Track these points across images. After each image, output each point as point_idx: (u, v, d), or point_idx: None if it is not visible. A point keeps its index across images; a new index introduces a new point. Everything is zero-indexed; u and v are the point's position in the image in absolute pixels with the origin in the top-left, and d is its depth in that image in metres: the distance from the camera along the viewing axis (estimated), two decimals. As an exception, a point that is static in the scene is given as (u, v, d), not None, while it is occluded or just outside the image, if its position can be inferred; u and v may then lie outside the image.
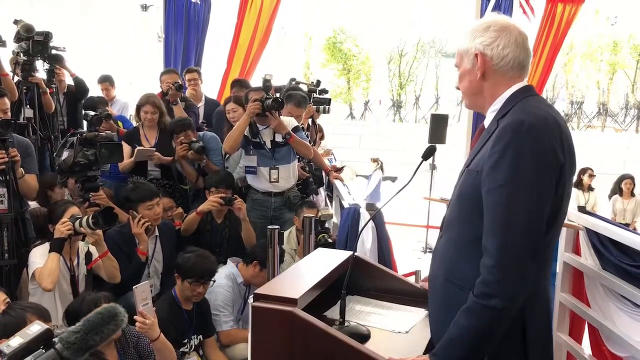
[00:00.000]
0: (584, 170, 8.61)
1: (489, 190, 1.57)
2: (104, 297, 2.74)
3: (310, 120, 5.36)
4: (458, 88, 1.82)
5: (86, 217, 3.12)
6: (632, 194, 8.38)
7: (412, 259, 7.83)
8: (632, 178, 8.47)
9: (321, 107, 5.53)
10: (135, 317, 2.67)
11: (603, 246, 3.03)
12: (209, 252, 3.89)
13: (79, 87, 5.82)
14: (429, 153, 1.89)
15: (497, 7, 8.36)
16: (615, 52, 23.47)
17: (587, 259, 3.13)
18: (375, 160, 11.33)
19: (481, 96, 1.75)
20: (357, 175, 15.11)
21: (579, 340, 3.35)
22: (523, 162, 1.54)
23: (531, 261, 1.56)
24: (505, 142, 1.56)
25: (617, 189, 8.41)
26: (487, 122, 1.75)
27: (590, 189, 8.65)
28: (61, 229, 3.08)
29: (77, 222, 3.12)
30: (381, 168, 11.48)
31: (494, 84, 1.72)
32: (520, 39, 1.70)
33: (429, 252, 8.50)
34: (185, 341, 3.25)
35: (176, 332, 3.14)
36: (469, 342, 1.57)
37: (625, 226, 5.12)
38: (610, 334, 2.93)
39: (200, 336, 3.32)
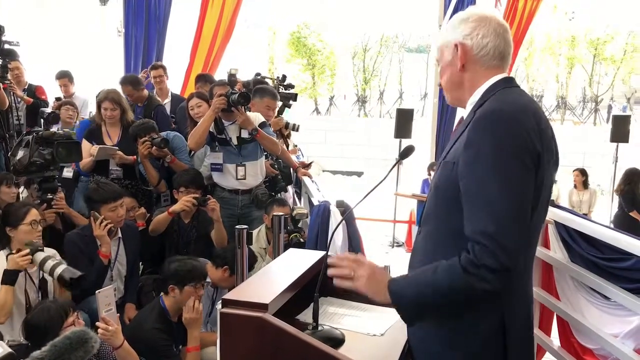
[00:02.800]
0: None
1: (467, 181, 1.52)
2: (71, 307, 2.61)
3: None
4: (440, 85, 1.79)
5: (52, 263, 2.84)
6: (586, 186, 8.58)
7: (380, 253, 7.83)
8: (581, 170, 8.69)
9: (290, 124, 5.51)
10: (97, 323, 2.55)
11: (572, 239, 3.06)
12: (176, 253, 3.80)
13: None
14: (406, 152, 1.84)
15: (460, 2, 8.41)
16: (573, 46, 24.02)
17: (556, 252, 3.15)
18: None
19: (461, 89, 1.71)
20: (323, 171, 15.12)
21: (547, 332, 3.37)
22: (499, 150, 1.49)
23: (518, 251, 1.48)
24: (479, 130, 1.53)
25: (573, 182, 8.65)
26: (465, 114, 1.71)
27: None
28: (18, 261, 2.82)
29: (38, 257, 2.87)
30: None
31: (474, 74, 1.68)
32: (500, 29, 1.67)
33: (397, 246, 8.52)
34: None
35: (172, 347, 3.03)
36: (431, 292, 1.54)
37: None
38: (579, 326, 2.95)
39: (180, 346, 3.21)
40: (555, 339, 3.29)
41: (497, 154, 1.49)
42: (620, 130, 9.62)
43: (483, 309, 1.59)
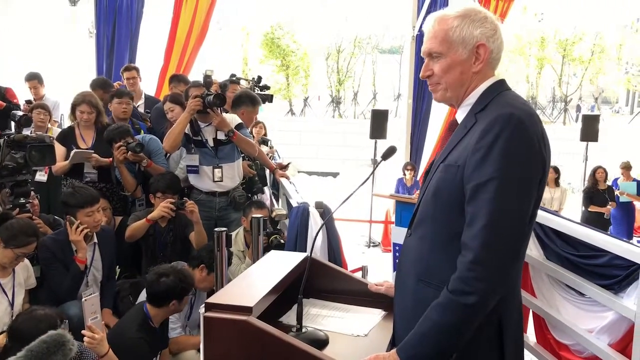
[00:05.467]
0: None
1: (477, 185, 1.51)
2: (58, 316, 2.55)
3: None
4: (427, 77, 1.70)
5: None
6: (557, 183, 8.79)
7: (357, 253, 7.86)
8: (554, 167, 8.90)
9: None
10: (83, 331, 2.50)
11: (547, 237, 3.10)
12: (152, 257, 3.75)
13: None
14: (388, 153, 1.84)
15: (433, 4, 8.50)
16: (543, 47, 24.47)
17: (532, 250, 3.19)
18: None
19: (464, 89, 1.68)
20: (299, 172, 15.11)
21: (524, 329, 3.41)
22: (513, 156, 1.50)
23: (513, 260, 1.54)
24: (493, 135, 1.51)
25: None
26: (459, 117, 1.70)
27: None
28: None
29: None
30: None
31: (481, 77, 1.67)
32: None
33: (373, 246, 8.57)
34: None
35: (152, 354, 3.01)
36: (441, 339, 1.53)
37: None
38: (555, 322, 3.00)
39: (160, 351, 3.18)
40: (531, 335, 3.34)
41: (508, 162, 1.49)
42: (589, 130, 9.83)
43: None
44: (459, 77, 1.66)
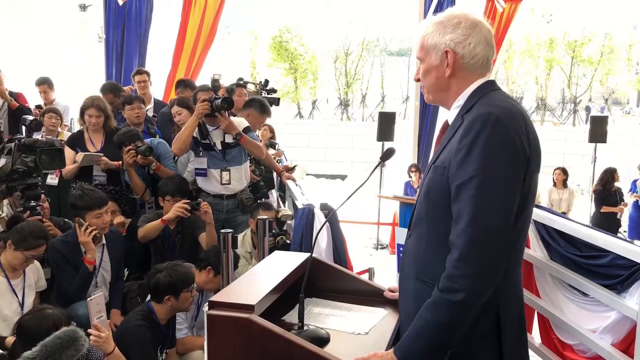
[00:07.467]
0: None
1: (460, 185, 1.55)
2: (63, 315, 2.60)
3: None
4: (418, 80, 1.77)
5: None
6: (565, 185, 8.75)
7: (365, 256, 7.88)
8: (562, 169, 8.86)
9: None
10: (89, 330, 2.55)
11: (551, 238, 3.11)
12: (162, 258, 3.80)
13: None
14: (387, 154, 1.87)
15: (439, 6, 8.52)
16: (552, 48, 24.36)
17: (536, 251, 3.21)
18: None
19: (446, 92, 1.72)
20: (307, 174, 15.15)
21: (529, 329, 3.42)
22: (492, 154, 1.53)
23: (500, 255, 1.55)
24: (473, 135, 1.55)
25: (552, 180, 8.82)
26: (450, 118, 1.73)
27: None
28: None
29: None
30: None
31: (461, 80, 1.69)
32: (489, 36, 1.69)
33: (381, 248, 8.58)
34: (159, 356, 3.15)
35: (155, 351, 3.05)
36: (433, 337, 1.56)
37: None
38: (559, 322, 3.01)
39: (166, 349, 3.22)
40: (536, 336, 3.35)
41: (488, 160, 1.52)
42: (598, 131, 9.77)
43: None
44: (435, 81, 1.71)
